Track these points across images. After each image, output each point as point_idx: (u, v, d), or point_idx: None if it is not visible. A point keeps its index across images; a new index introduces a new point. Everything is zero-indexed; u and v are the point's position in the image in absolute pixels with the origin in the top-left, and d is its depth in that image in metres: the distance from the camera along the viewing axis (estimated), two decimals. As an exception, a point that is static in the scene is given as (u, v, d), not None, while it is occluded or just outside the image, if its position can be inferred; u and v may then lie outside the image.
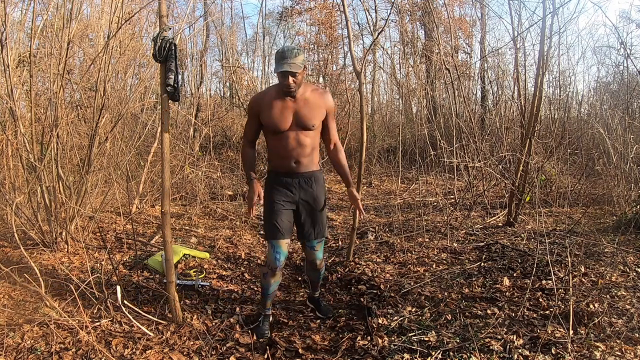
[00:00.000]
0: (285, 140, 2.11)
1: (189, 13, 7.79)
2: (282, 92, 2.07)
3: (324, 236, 2.32)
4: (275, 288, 2.31)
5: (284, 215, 2.18)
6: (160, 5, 2.20)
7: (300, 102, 2.09)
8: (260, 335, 2.28)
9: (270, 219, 2.17)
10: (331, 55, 11.27)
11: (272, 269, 2.20)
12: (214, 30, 10.69)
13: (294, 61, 1.96)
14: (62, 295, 2.57)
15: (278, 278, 2.27)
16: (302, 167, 2.16)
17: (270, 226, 2.17)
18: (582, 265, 2.82)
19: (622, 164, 4.45)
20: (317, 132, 2.18)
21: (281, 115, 2.07)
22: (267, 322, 2.37)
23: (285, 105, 2.08)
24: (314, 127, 2.12)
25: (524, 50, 6.10)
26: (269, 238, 2.19)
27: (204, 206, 5.07)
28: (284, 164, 2.16)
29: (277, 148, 2.16)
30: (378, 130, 8.95)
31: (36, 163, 3.12)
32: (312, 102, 2.11)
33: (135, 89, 4.69)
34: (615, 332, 2.03)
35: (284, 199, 2.18)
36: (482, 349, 1.95)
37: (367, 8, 9.21)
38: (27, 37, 3.91)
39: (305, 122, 2.10)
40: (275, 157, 2.20)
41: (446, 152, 5.18)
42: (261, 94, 2.19)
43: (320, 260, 2.36)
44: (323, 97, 2.16)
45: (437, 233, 3.95)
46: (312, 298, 2.64)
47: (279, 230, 2.15)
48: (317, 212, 2.24)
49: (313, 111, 2.11)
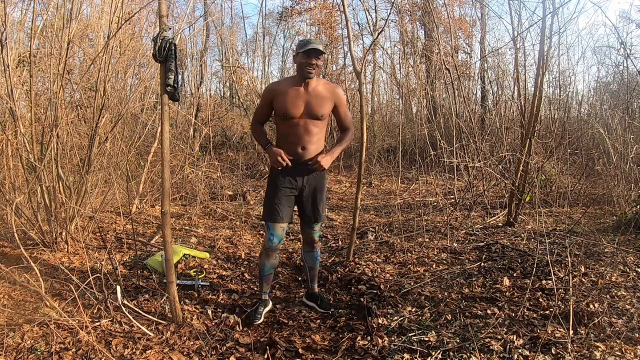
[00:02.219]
0: (295, 127, 2.27)
1: (189, 13, 7.80)
2: (301, 74, 2.22)
3: (324, 218, 2.56)
4: (269, 270, 2.47)
5: (285, 200, 2.33)
6: (160, 5, 2.20)
7: (312, 93, 2.26)
8: (252, 319, 2.40)
9: (270, 202, 2.34)
10: (331, 55, 11.26)
11: (266, 249, 2.40)
12: (214, 30, 10.70)
13: (319, 45, 2.17)
14: (62, 295, 2.57)
15: (272, 260, 2.44)
16: (308, 153, 2.30)
17: (270, 209, 2.34)
18: (582, 265, 2.82)
19: (622, 164, 4.45)
20: (325, 122, 2.35)
21: (294, 103, 2.24)
22: (262, 308, 2.48)
23: (299, 94, 2.25)
24: (323, 117, 2.29)
25: (524, 50, 6.10)
26: (266, 220, 2.38)
27: (204, 206, 5.07)
28: (292, 149, 2.29)
29: (286, 134, 2.31)
30: (378, 130, 8.95)
31: (36, 163, 3.12)
32: (322, 94, 2.29)
33: (135, 89, 4.69)
34: (615, 332, 2.03)
35: (287, 185, 2.33)
36: (482, 349, 1.95)
37: (367, 8, 9.22)
38: (27, 37, 3.91)
39: (315, 111, 2.26)
40: (283, 142, 2.33)
41: (446, 152, 5.17)
42: (277, 83, 2.40)
43: (318, 239, 2.55)
44: (333, 90, 2.34)
45: (437, 233, 3.95)
46: (312, 295, 2.66)
47: (277, 214, 2.31)
48: (319, 198, 2.41)
49: (323, 102, 2.28)
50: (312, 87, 2.27)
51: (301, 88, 2.25)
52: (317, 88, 2.28)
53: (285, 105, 2.24)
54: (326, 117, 2.32)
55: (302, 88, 2.25)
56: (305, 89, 2.26)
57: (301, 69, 2.21)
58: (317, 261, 2.63)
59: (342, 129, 2.50)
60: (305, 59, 2.18)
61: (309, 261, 2.61)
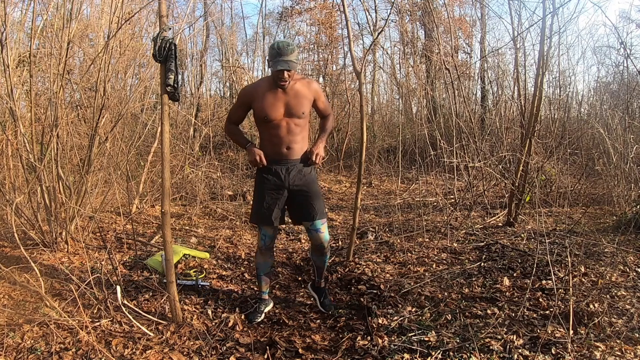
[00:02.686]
0: (277, 129, 2.27)
1: (189, 13, 7.80)
2: (275, 85, 2.22)
3: (325, 216, 2.42)
4: (266, 269, 2.50)
5: (272, 203, 2.32)
6: (160, 5, 2.20)
7: (290, 93, 2.25)
8: (252, 318, 2.42)
9: (257, 206, 2.35)
10: (331, 55, 11.27)
11: (259, 248, 2.45)
12: (214, 30, 10.70)
13: (289, 58, 2.11)
14: (62, 295, 2.57)
15: (267, 259, 2.47)
16: (294, 153, 2.30)
17: (256, 212, 2.36)
18: (582, 265, 2.82)
19: (622, 164, 4.45)
20: (306, 119, 2.35)
21: (273, 105, 2.23)
22: (262, 307, 2.50)
23: (277, 96, 2.24)
24: (304, 114, 2.29)
25: (524, 50, 6.11)
26: (256, 223, 2.42)
27: (204, 206, 5.06)
28: (277, 150, 2.30)
29: (269, 136, 2.30)
30: (378, 130, 8.95)
31: (36, 163, 3.12)
32: (301, 92, 2.28)
33: (135, 89, 4.69)
34: (615, 332, 2.03)
35: (273, 187, 2.32)
36: (482, 349, 1.95)
37: (367, 8, 9.22)
38: (27, 37, 3.91)
39: (295, 111, 2.26)
40: (267, 144, 2.32)
41: (446, 152, 5.17)
42: (254, 86, 2.35)
43: (327, 242, 2.44)
44: (309, 87, 2.33)
45: (437, 233, 3.95)
46: (317, 288, 2.64)
47: (264, 217, 2.33)
48: (311, 195, 2.35)
49: (302, 101, 2.27)
50: (290, 87, 2.24)
51: (278, 90, 2.24)
52: (295, 87, 2.26)
53: (265, 109, 2.23)
54: (307, 114, 2.32)
55: (279, 90, 2.24)
56: (283, 90, 2.24)
57: (274, 80, 2.20)
58: (326, 262, 2.58)
59: (323, 116, 2.53)
60: (275, 72, 2.14)
61: (317, 262, 2.56)
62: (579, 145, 6.16)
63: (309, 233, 2.44)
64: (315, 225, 2.36)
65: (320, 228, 2.37)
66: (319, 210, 2.35)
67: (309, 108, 2.34)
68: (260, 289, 2.54)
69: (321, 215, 2.37)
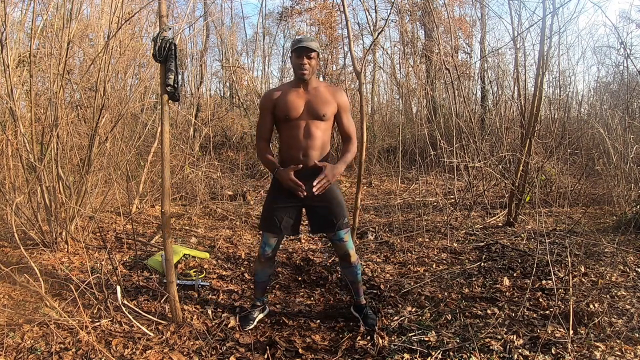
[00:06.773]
0: (296, 130, 2.17)
1: (189, 13, 7.80)
2: (296, 77, 2.18)
3: (348, 225, 2.27)
4: (263, 277, 2.43)
5: (283, 212, 2.21)
6: (160, 5, 2.20)
7: (311, 92, 2.19)
8: (244, 323, 2.37)
9: (267, 212, 2.27)
10: (331, 55, 11.26)
11: (259, 256, 2.37)
12: (214, 30, 10.70)
13: (310, 44, 2.10)
14: (62, 295, 2.57)
15: (266, 267, 2.39)
16: (310, 160, 2.15)
17: (266, 219, 2.27)
18: (582, 265, 2.82)
19: (622, 164, 4.45)
20: (328, 125, 2.22)
21: (293, 102, 2.16)
22: (256, 314, 2.44)
23: (298, 94, 2.19)
24: (325, 117, 2.18)
25: (524, 50, 6.11)
26: (261, 228, 2.34)
27: (204, 206, 5.06)
28: (293, 155, 2.17)
29: (287, 138, 2.20)
30: (378, 130, 8.94)
31: (36, 163, 3.12)
32: (323, 94, 2.21)
33: (135, 89, 4.70)
34: (615, 332, 2.03)
35: (287, 196, 2.18)
36: (482, 349, 1.95)
37: (367, 8, 9.21)
38: (27, 37, 3.91)
39: (316, 110, 2.16)
40: (285, 149, 2.23)
41: (446, 152, 5.17)
42: (273, 89, 2.30)
43: (353, 251, 2.31)
44: (334, 93, 2.25)
45: (437, 233, 3.95)
46: (357, 306, 2.45)
47: (272, 223, 2.23)
48: (332, 204, 2.20)
49: (324, 102, 2.18)
50: (312, 87, 2.20)
51: (300, 89, 2.19)
52: (318, 88, 2.21)
53: (286, 107, 2.15)
54: (329, 118, 2.19)
55: (301, 89, 2.19)
56: (305, 89, 2.19)
57: (295, 70, 2.17)
58: (358, 275, 2.38)
59: (344, 137, 2.30)
60: (296, 59, 2.12)
61: (348, 276, 2.39)
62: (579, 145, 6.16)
63: (332, 243, 2.33)
64: (338, 235, 2.24)
65: (343, 237, 2.24)
66: (340, 220, 2.21)
67: (332, 112, 2.20)
68: (255, 295, 2.49)
69: (343, 225, 2.23)
